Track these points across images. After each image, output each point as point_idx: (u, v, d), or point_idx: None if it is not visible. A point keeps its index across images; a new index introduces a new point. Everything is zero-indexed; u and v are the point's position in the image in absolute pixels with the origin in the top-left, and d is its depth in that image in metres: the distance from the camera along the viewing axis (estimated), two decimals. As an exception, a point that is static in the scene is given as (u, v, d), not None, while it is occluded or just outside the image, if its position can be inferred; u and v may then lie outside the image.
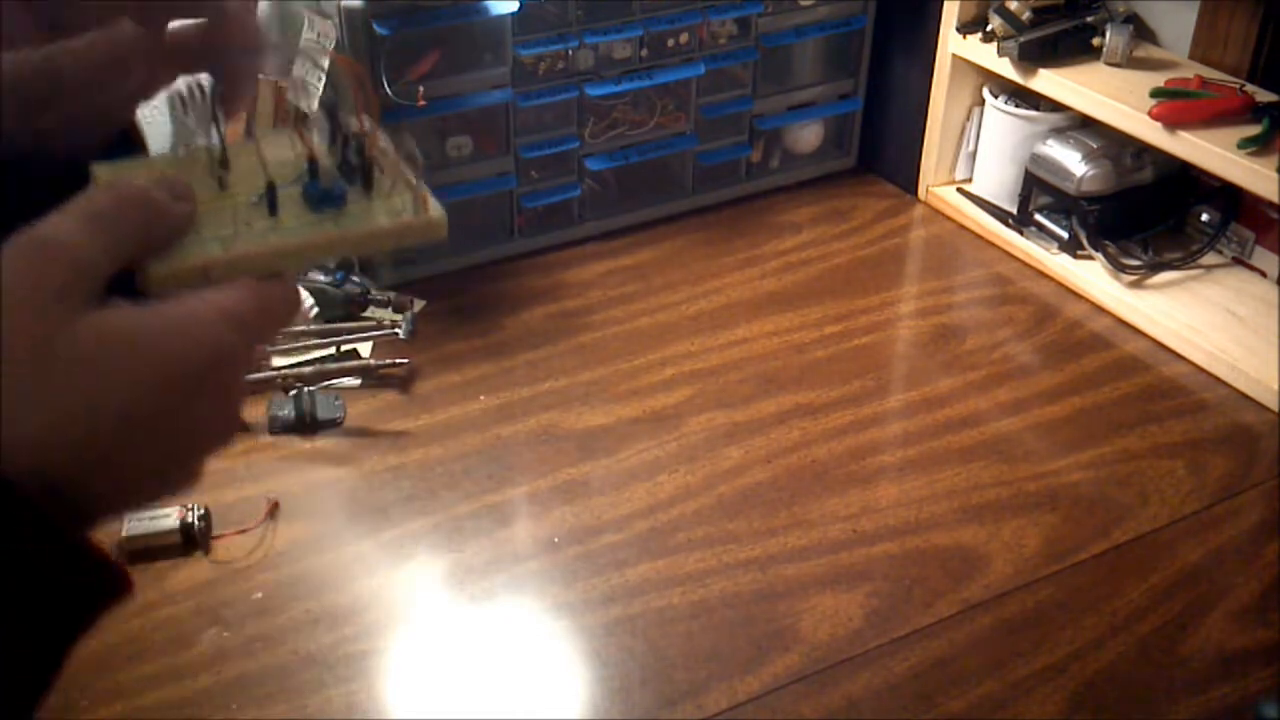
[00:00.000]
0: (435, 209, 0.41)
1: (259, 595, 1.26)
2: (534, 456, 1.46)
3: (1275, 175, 1.45)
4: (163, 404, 0.34)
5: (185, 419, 0.36)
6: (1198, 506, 1.38)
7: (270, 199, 0.40)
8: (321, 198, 0.40)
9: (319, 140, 0.42)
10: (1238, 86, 1.61)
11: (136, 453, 0.35)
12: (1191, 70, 1.68)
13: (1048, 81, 1.73)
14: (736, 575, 1.28)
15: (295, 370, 1.54)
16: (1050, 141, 1.79)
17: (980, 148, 1.95)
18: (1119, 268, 1.75)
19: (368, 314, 1.68)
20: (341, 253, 0.41)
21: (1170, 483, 1.41)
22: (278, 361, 1.58)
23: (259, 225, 0.40)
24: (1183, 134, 1.55)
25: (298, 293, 0.40)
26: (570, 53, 1.75)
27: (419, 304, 1.72)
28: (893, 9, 1.98)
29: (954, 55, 1.87)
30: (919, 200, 2.03)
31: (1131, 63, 1.72)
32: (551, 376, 1.60)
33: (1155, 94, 1.61)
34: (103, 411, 0.33)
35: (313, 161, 0.41)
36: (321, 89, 1.65)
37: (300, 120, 0.42)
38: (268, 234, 0.39)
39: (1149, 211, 1.79)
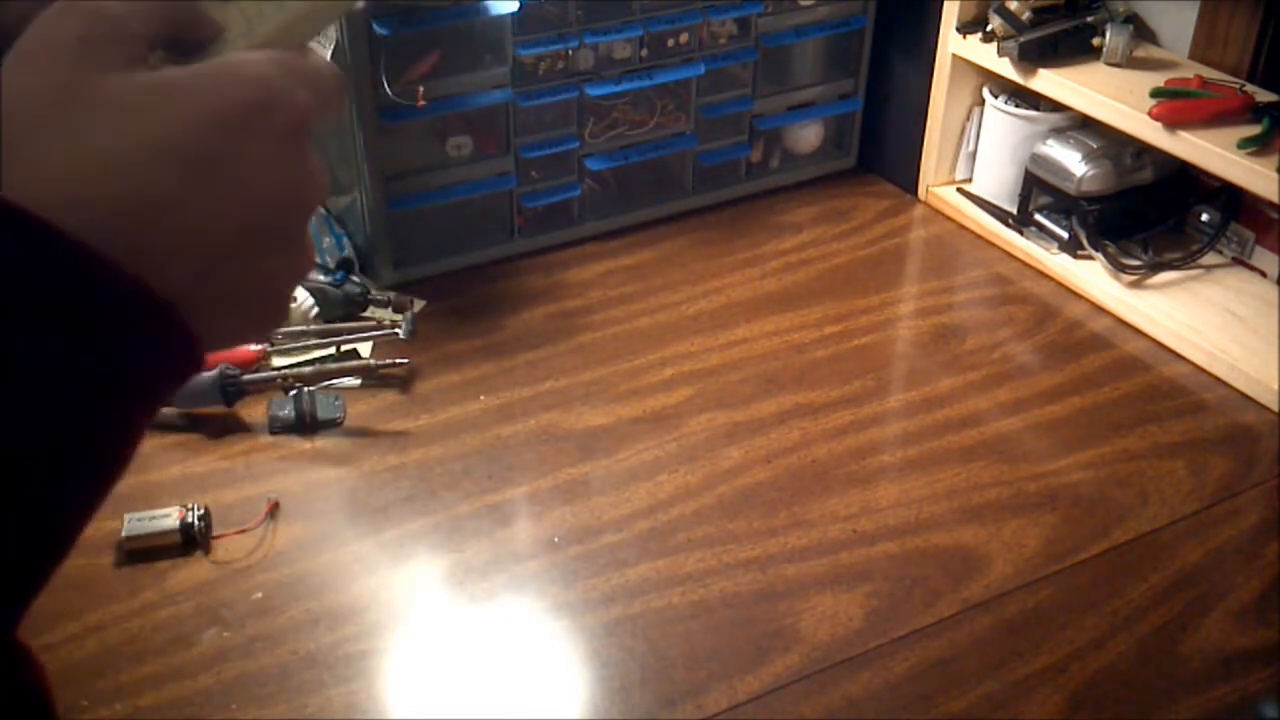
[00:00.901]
0: None
1: (259, 595, 1.26)
2: (534, 456, 1.46)
3: (1275, 175, 1.45)
4: (206, 144, 0.32)
5: (243, 165, 0.33)
6: (1198, 506, 1.38)
7: None
8: None
9: None
10: (1238, 86, 1.61)
11: (187, 202, 0.32)
12: (1191, 70, 1.68)
13: (1048, 81, 1.73)
14: (736, 575, 1.28)
15: (295, 370, 1.54)
16: (1050, 141, 1.79)
17: (980, 148, 1.95)
18: (1119, 268, 1.75)
19: (368, 314, 1.68)
20: (340, 8, 0.41)
21: (1170, 483, 1.41)
22: (278, 361, 1.58)
23: (267, 9, 0.39)
24: (1183, 134, 1.55)
25: (330, 64, 0.38)
26: (570, 53, 1.75)
27: (419, 304, 1.72)
28: (893, 9, 1.98)
29: (954, 55, 1.87)
30: (919, 200, 2.03)
31: (1131, 63, 1.72)
32: (551, 376, 1.60)
33: (1155, 94, 1.61)
34: (126, 152, 0.31)
35: None
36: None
37: None
38: (280, 10, 0.39)
39: (1149, 211, 1.79)
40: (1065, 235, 1.81)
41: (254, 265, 0.35)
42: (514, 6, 1.66)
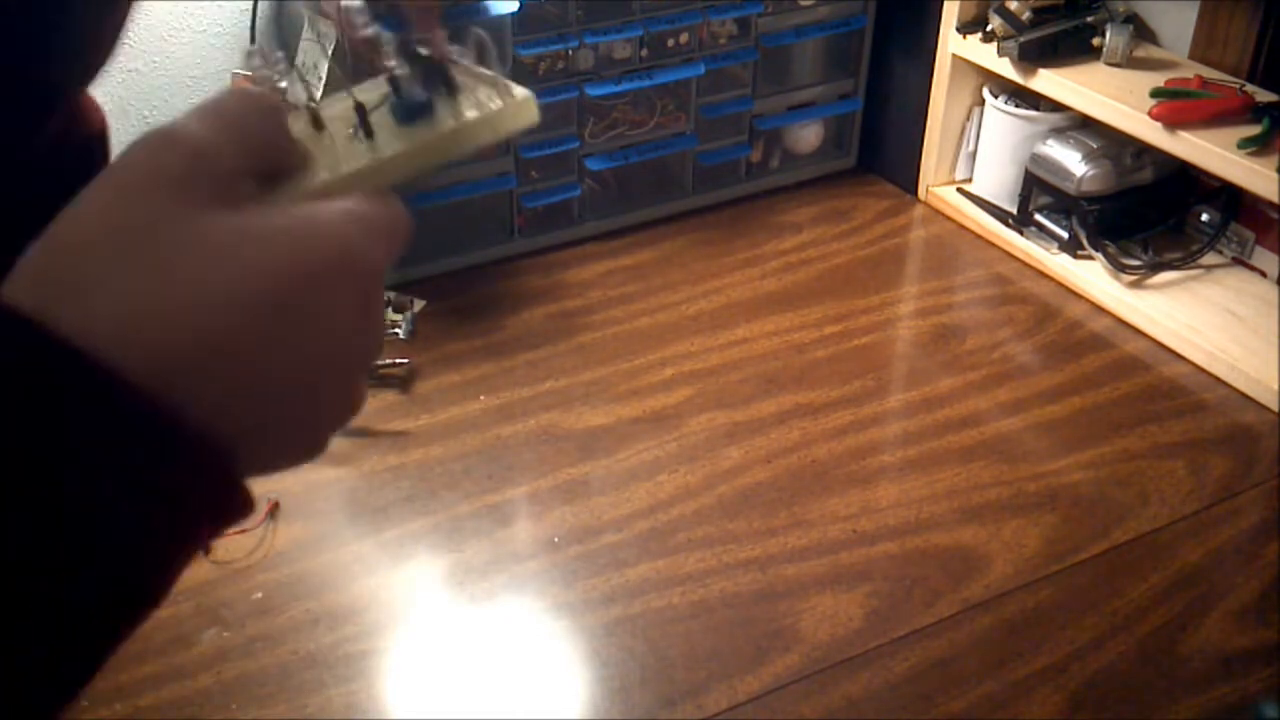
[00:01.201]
0: (520, 91, 0.42)
1: (259, 595, 1.26)
2: (534, 456, 1.46)
3: (1275, 175, 1.45)
4: (289, 299, 0.32)
5: (321, 321, 0.33)
6: (1198, 506, 1.38)
7: (361, 119, 0.41)
8: (408, 110, 0.41)
9: (395, 63, 0.43)
10: (1238, 86, 1.61)
11: (259, 356, 0.32)
12: (1191, 70, 1.68)
13: (1048, 81, 1.73)
14: (736, 575, 1.28)
15: (295, 370, 1.54)
16: (1050, 141, 1.79)
17: (980, 148, 1.95)
18: (1119, 268, 1.75)
19: (368, 314, 1.68)
20: (443, 156, 0.41)
21: (1170, 483, 1.41)
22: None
23: (358, 149, 0.40)
24: (1183, 134, 1.55)
25: (404, 210, 0.38)
26: (570, 53, 1.75)
27: (419, 304, 1.72)
28: (893, 9, 1.98)
29: (954, 55, 1.87)
30: (919, 200, 2.03)
31: (1131, 63, 1.72)
32: (551, 376, 1.60)
33: (1155, 94, 1.61)
34: (221, 302, 0.31)
35: (393, 80, 0.42)
36: (321, 87, 1.66)
37: (374, 50, 0.42)
38: (368, 153, 0.40)
39: (1149, 211, 1.79)
40: (1065, 235, 1.81)
41: (310, 414, 0.35)
42: (514, 6, 1.66)
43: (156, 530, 0.31)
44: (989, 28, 1.80)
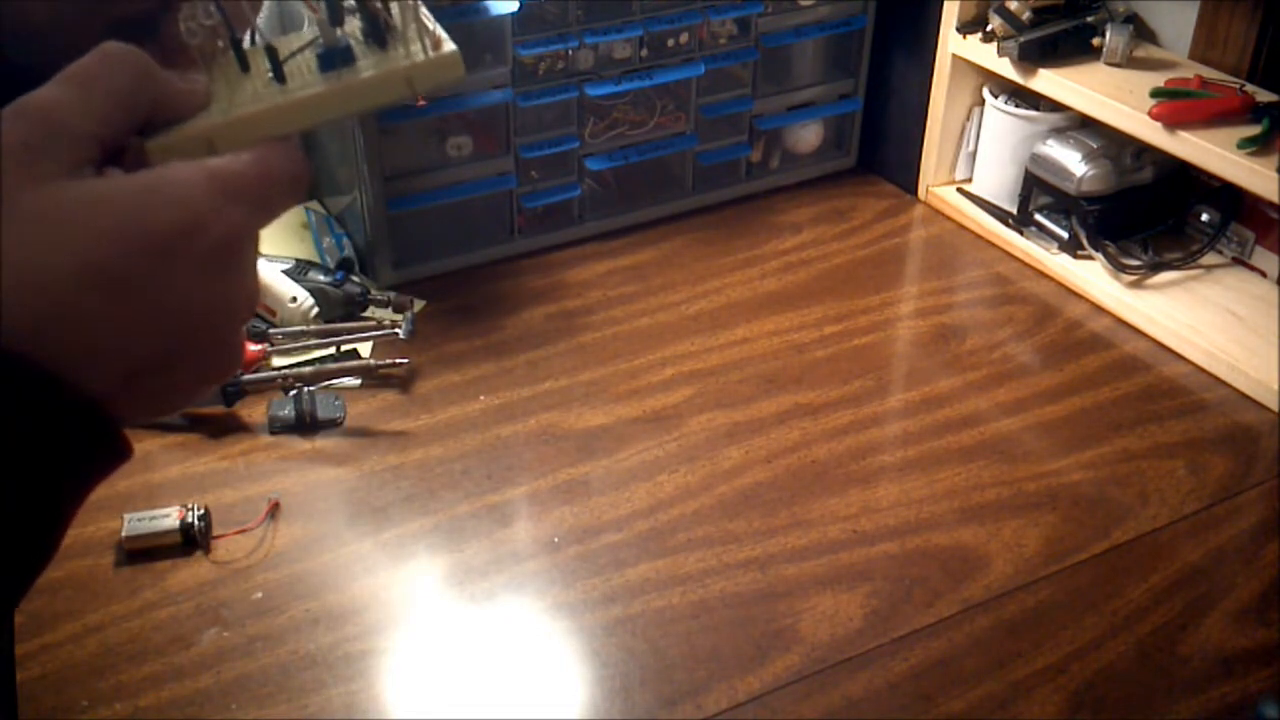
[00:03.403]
0: (447, 46, 0.40)
1: (259, 595, 1.26)
2: (534, 456, 1.46)
3: (1275, 175, 1.45)
4: (130, 266, 0.33)
5: (166, 287, 0.34)
6: (1198, 506, 1.38)
7: (272, 63, 0.39)
8: (326, 56, 0.40)
9: (319, 7, 0.41)
10: (1238, 86, 1.61)
11: (110, 319, 0.33)
12: (1191, 70, 1.68)
13: (1048, 81, 1.73)
14: (736, 575, 1.28)
15: (295, 370, 1.54)
16: (1050, 141, 1.79)
17: (980, 148, 1.95)
18: (1119, 268, 1.75)
19: (368, 314, 1.68)
20: (352, 106, 0.40)
21: (1170, 483, 1.41)
22: (278, 361, 1.58)
23: (265, 91, 0.39)
24: (1183, 134, 1.55)
25: (303, 158, 0.38)
26: (570, 53, 1.75)
27: (419, 304, 1.72)
28: (893, 9, 1.98)
29: (954, 55, 1.87)
30: (919, 200, 2.03)
31: (1131, 63, 1.72)
32: (551, 376, 1.60)
33: (1155, 94, 1.61)
34: (56, 268, 0.32)
35: (320, 24, 0.40)
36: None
37: None
38: (265, 97, 0.39)
39: (1149, 211, 1.79)
40: (1065, 235, 1.81)
41: (178, 374, 0.36)
42: (514, 6, 1.66)
43: (44, 492, 0.32)
44: (989, 28, 1.80)
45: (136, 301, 0.33)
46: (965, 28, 1.84)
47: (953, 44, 1.87)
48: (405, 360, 1.56)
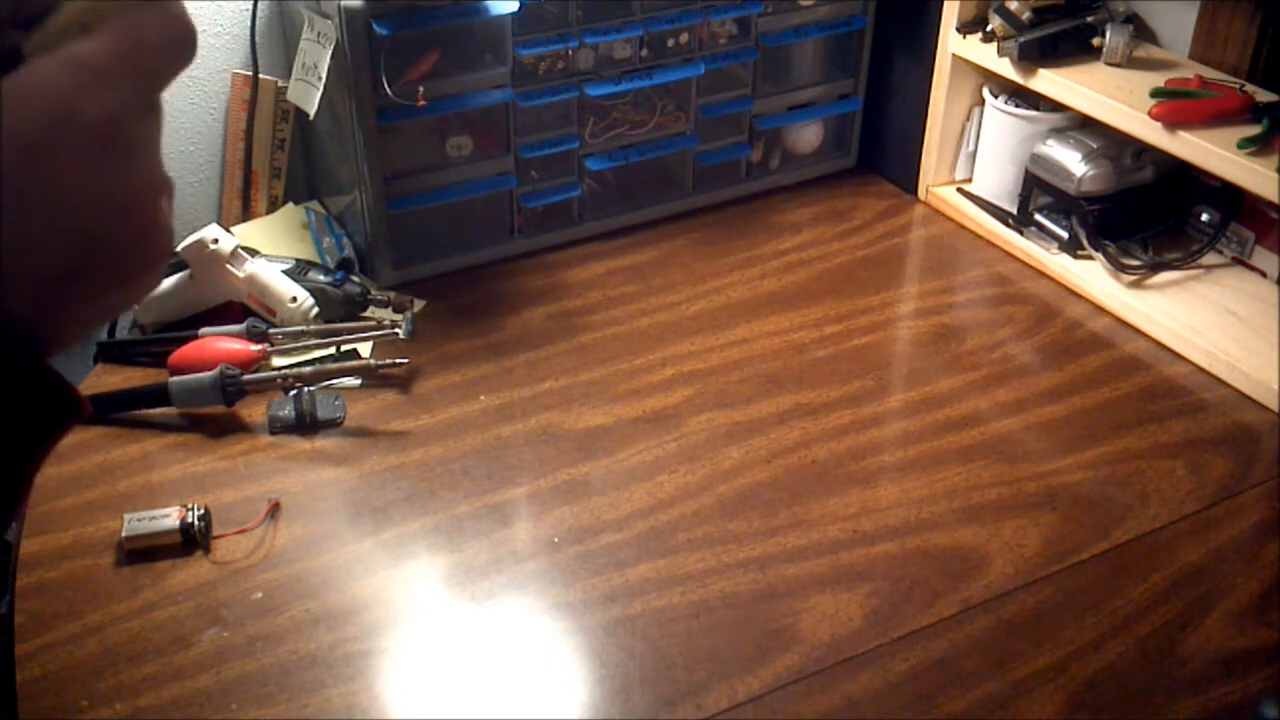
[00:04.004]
0: None
1: (259, 595, 1.26)
2: (534, 456, 1.46)
3: (1275, 175, 1.45)
4: (17, 173, 0.31)
5: (54, 185, 0.32)
6: (1198, 506, 1.38)
7: None
8: None
9: None
10: (1238, 86, 1.61)
11: (9, 234, 0.31)
12: (1191, 70, 1.68)
13: (1048, 81, 1.73)
14: (736, 575, 1.28)
15: (295, 370, 1.54)
16: (1050, 141, 1.79)
17: (980, 148, 1.95)
18: (1119, 268, 1.75)
19: (368, 314, 1.68)
20: None
21: (1170, 483, 1.41)
22: (278, 361, 1.58)
23: None
24: (1183, 134, 1.55)
25: (181, 16, 0.36)
26: (570, 53, 1.75)
27: (419, 304, 1.72)
28: (893, 9, 1.98)
29: (954, 55, 1.87)
30: (919, 200, 2.03)
31: (1131, 63, 1.72)
32: (551, 376, 1.60)
33: (1155, 94, 1.61)
34: None
35: None
36: (321, 88, 1.65)
37: None
38: None
39: (1149, 211, 1.79)
40: (1065, 235, 1.81)
41: (102, 272, 0.35)
42: (514, 6, 1.66)
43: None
44: (989, 28, 1.80)
45: (25, 209, 0.32)
46: (965, 28, 1.84)
47: (953, 44, 1.87)
48: (405, 360, 1.56)
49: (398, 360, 1.55)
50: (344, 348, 1.62)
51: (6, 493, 0.33)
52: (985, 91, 1.91)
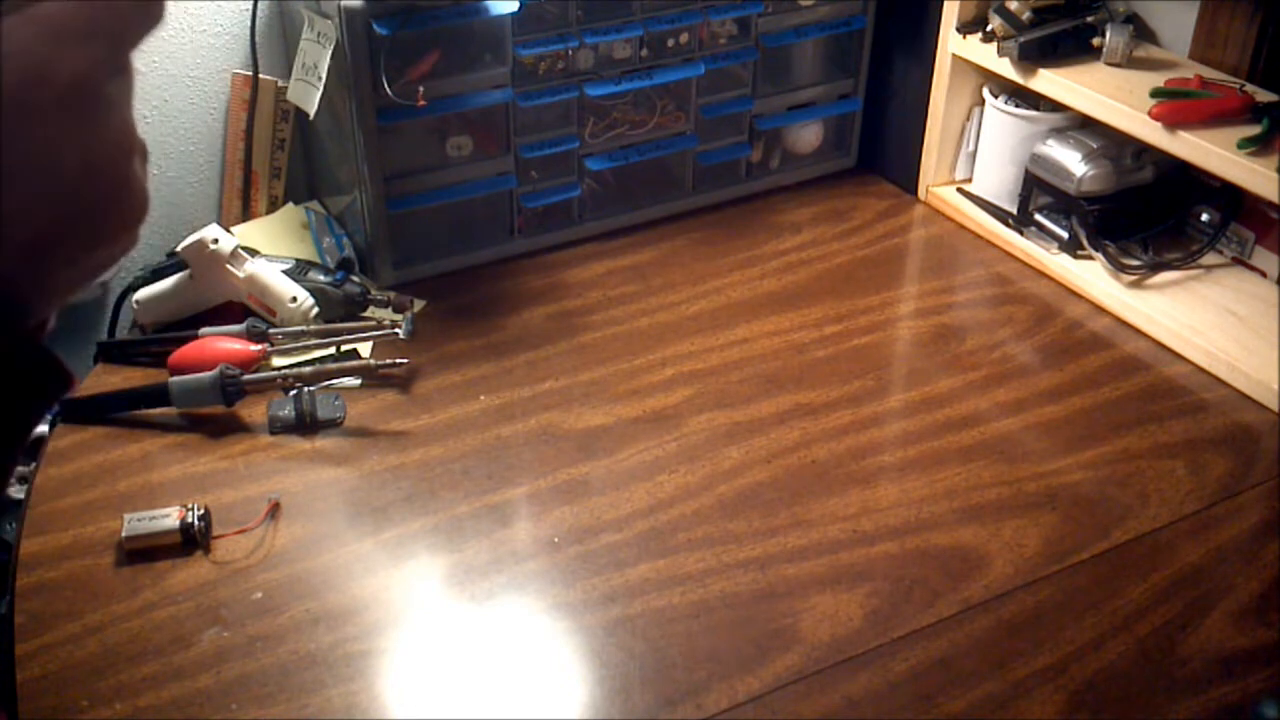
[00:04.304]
0: None
1: (259, 595, 1.26)
2: (534, 456, 1.46)
3: (1275, 175, 1.45)
4: None
5: (26, 147, 0.32)
6: (1198, 506, 1.38)
7: None
8: None
9: None
10: (1238, 86, 1.61)
11: None
12: (1191, 70, 1.68)
13: (1048, 81, 1.73)
14: (736, 575, 1.28)
15: (295, 370, 1.54)
16: (1050, 141, 1.79)
17: (980, 148, 1.95)
18: (1119, 268, 1.75)
19: (368, 314, 1.68)
20: None
21: (1170, 483, 1.41)
22: (278, 361, 1.58)
23: None
24: (1183, 134, 1.55)
25: None
26: (570, 53, 1.75)
27: (419, 304, 1.72)
28: (893, 9, 1.98)
29: (954, 55, 1.87)
30: (919, 200, 2.03)
31: (1131, 63, 1.72)
32: (551, 376, 1.60)
33: (1155, 94, 1.61)
34: None
35: None
36: (321, 88, 1.65)
37: None
38: None
39: (1149, 211, 1.79)
40: (1065, 235, 1.81)
41: (79, 233, 0.34)
42: (514, 6, 1.66)
43: None
44: (989, 28, 1.80)
45: (9, 173, 0.32)
46: (965, 28, 1.84)
47: (953, 44, 1.87)
48: (405, 360, 1.56)
49: (398, 360, 1.55)
50: (344, 348, 1.62)
51: None
52: (985, 91, 1.91)
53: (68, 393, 0.35)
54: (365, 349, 1.63)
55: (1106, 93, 1.66)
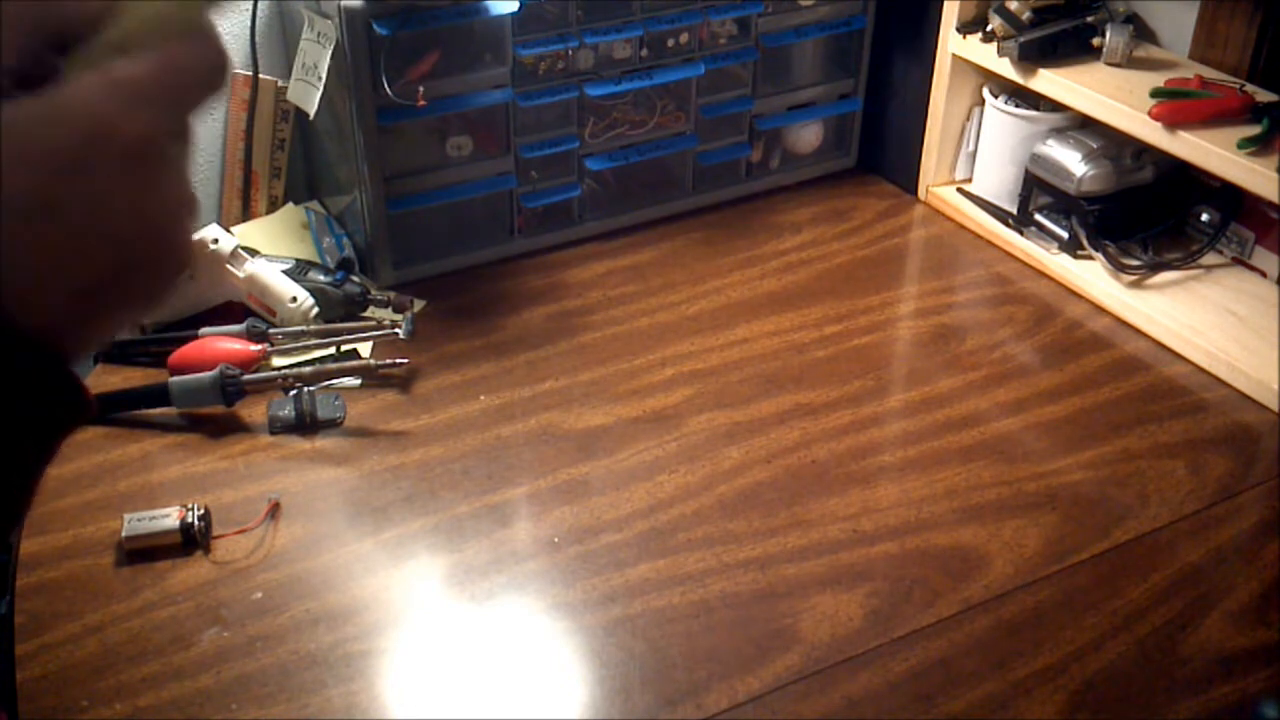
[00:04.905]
0: None
1: (259, 595, 1.26)
2: (534, 456, 1.46)
3: (1275, 175, 1.45)
4: (42, 187, 0.33)
5: (84, 203, 0.33)
6: (1198, 506, 1.38)
7: None
8: None
9: None
10: (1238, 86, 1.61)
11: (34, 245, 0.32)
12: (1191, 70, 1.68)
13: (1048, 81, 1.73)
14: (736, 575, 1.28)
15: (295, 370, 1.54)
16: (1050, 141, 1.79)
17: (980, 148, 1.95)
18: (1119, 268, 1.75)
19: (368, 314, 1.68)
20: None
21: (1170, 483, 1.41)
22: (278, 361, 1.58)
23: None
24: (1183, 134, 1.55)
25: (218, 46, 0.37)
26: (570, 53, 1.75)
27: (419, 304, 1.72)
28: (893, 9, 1.98)
29: (954, 55, 1.87)
30: (919, 200, 2.03)
31: (1131, 63, 1.72)
32: (551, 376, 1.60)
33: (1155, 94, 1.61)
34: None
35: None
36: (321, 88, 1.65)
37: None
38: None
39: (1149, 211, 1.79)
40: (1065, 235, 1.81)
41: (123, 288, 0.36)
42: (514, 6, 1.66)
43: (6, 434, 0.32)
44: (989, 28, 1.80)
45: (55, 224, 0.33)
46: (965, 28, 1.84)
47: (953, 44, 1.87)
48: (405, 360, 1.56)
49: (398, 360, 1.55)
50: (344, 348, 1.62)
51: (17, 488, 0.34)
52: (985, 91, 1.91)
53: (87, 420, 0.36)
54: (365, 349, 1.63)
55: (1106, 93, 1.66)
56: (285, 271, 1.65)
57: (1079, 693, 1.15)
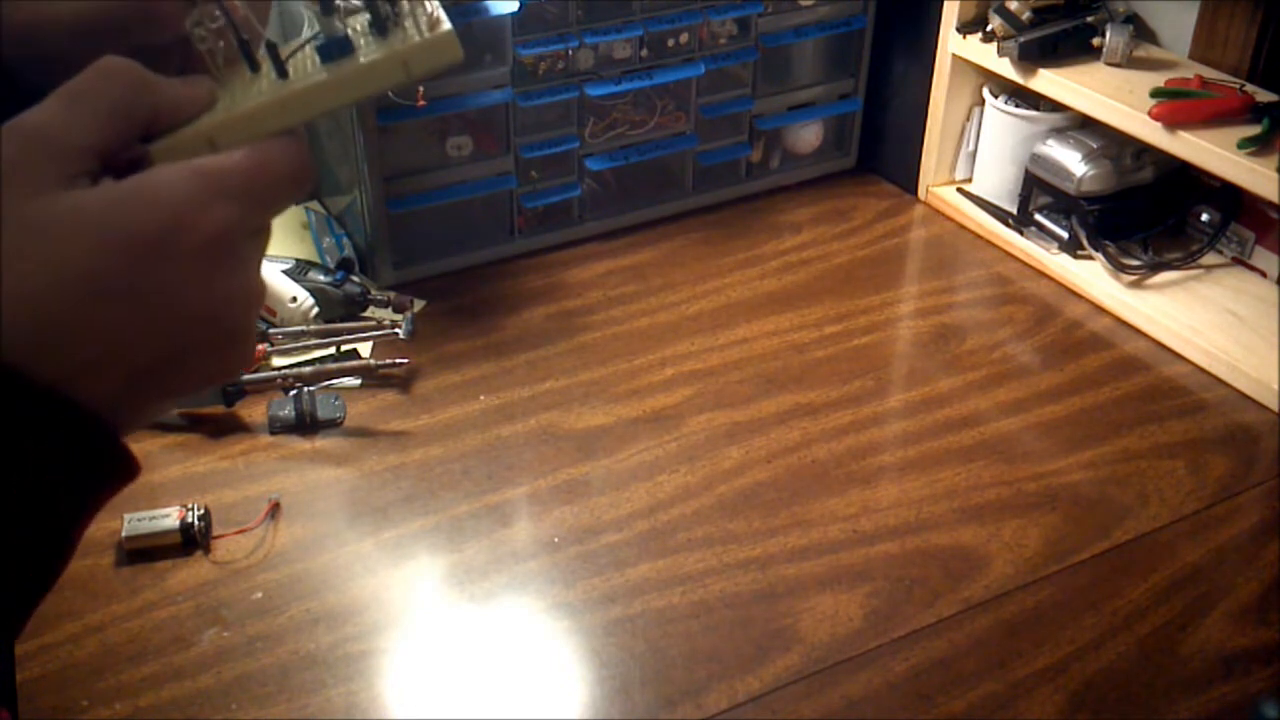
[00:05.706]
0: (443, 27, 0.40)
1: (259, 595, 1.26)
2: (534, 456, 1.46)
3: (1275, 175, 1.45)
4: (116, 271, 0.33)
5: (156, 289, 0.34)
6: (1198, 506, 1.38)
7: (274, 59, 0.39)
8: (327, 48, 0.40)
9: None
10: (1238, 86, 1.61)
11: (102, 327, 0.33)
12: (1191, 70, 1.68)
13: (1048, 81, 1.73)
14: (736, 575, 1.28)
15: (295, 370, 1.54)
16: (1050, 141, 1.79)
17: (980, 148, 1.95)
18: (1119, 268, 1.75)
19: (368, 314, 1.68)
20: (349, 94, 0.40)
21: (1170, 483, 1.41)
22: (278, 361, 1.58)
23: (266, 86, 0.39)
24: (1183, 134, 1.55)
25: (303, 149, 0.38)
26: (570, 53, 1.75)
27: (419, 304, 1.72)
28: (893, 9, 1.98)
29: (954, 55, 1.87)
30: (919, 200, 2.03)
31: (1131, 63, 1.72)
32: (551, 376, 1.60)
33: (1155, 94, 1.61)
34: (42, 279, 0.32)
35: (318, 16, 0.40)
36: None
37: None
38: (272, 89, 0.39)
39: (1149, 211, 1.79)
40: (1065, 235, 1.81)
41: (181, 374, 0.36)
42: (514, 6, 1.66)
43: (38, 493, 0.33)
44: (989, 28, 1.80)
45: (127, 306, 0.34)
46: (965, 28, 1.84)
47: (953, 44, 1.87)
48: (405, 360, 1.56)
49: (398, 360, 1.55)
50: (344, 348, 1.62)
51: (48, 557, 0.34)
52: (985, 91, 1.91)
53: (130, 480, 0.37)
54: (365, 349, 1.63)
55: (1106, 93, 1.66)
56: (285, 271, 1.65)
57: (1079, 692, 1.15)
